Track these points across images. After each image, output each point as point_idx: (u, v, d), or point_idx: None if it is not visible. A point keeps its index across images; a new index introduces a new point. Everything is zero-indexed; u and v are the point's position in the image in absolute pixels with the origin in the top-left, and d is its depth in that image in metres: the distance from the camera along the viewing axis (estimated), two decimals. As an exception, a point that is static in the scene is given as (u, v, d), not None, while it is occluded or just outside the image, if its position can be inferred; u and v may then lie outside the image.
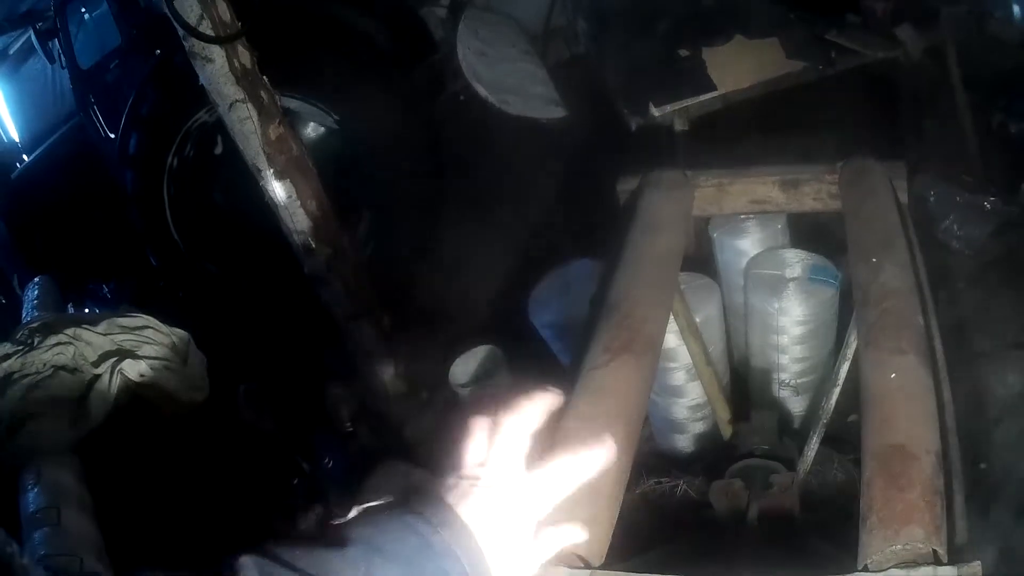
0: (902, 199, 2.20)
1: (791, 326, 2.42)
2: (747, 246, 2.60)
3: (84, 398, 2.41)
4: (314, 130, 4.50)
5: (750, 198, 2.40)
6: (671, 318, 2.17)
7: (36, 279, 3.59)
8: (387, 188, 4.36)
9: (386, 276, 3.91)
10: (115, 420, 2.42)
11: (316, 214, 3.21)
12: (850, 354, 1.99)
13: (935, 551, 1.26)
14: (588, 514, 1.36)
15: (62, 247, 4.90)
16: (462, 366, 3.49)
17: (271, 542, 0.79)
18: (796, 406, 2.63)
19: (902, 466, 1.37)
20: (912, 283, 1.84)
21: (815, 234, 2.78)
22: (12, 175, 5.44)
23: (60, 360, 2.43)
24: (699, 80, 3.89)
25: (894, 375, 1.56)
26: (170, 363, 2.59)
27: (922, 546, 1.26)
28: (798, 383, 2.54)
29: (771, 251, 2.56)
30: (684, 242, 2.26)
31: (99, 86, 4.80)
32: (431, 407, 3.65)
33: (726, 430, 2.49)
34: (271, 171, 3.07)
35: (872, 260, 1.88)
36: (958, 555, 1.30)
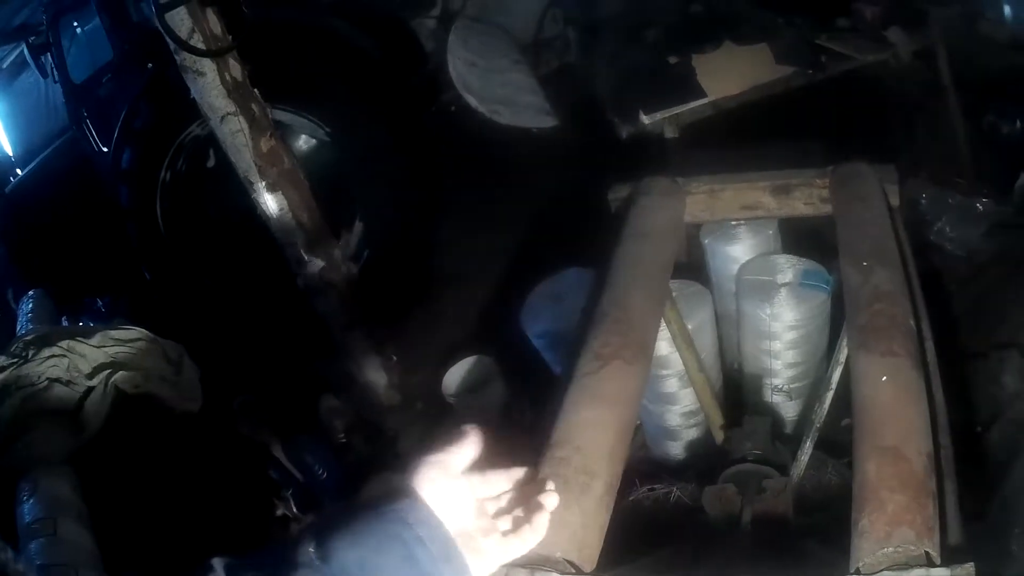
0: (893, 202, 2.21)
1: (783, 331, 2.42)
2: (739, 252, 2.60)
3: (79, 410, 2.42)
4: (306, 142, 4.51)
5: (741, 204, 2.40)
6: (663, 325, 2.17)
7: (30, 292, 3.60)
8: (379, 199, 4.37)
9: (379, 287, 3.91)
10: (109, 431, 2.43)
11: (308, 226, 3.22)
12: (843, 358, 1.98)
13: (927, 553, 1.26)
14: (579, 520, 1.37)
15: (56, 261, 4.90)
16: (454, 376, 3.49)
17: (246, 547, 0.83)
18: (789, 411, 2.62)
19: (894, 468, 1.37)
20: (903, 286, 1.84)
21: (807, 239, 2.78)
22: (6, 189, 5.45)
23: (55, 372, 2.44)
24: (689, 87, 3.90)
25: (885, 378, 1.56)
26: (164, 374, 2.59)
27: (914, 548, 1.26)
28: (791, 388, 2.54)
29: (763, 257, 2.56)
30: (676, 249, 2.26)
31: (92, 100, 4.82)
32: (425, 418, 3.64)
33: (719, 436, 2.49)
34: (263, 184, 3.08)
35: (863, 264, 1.89)
36: (951, 557, 1.29)
